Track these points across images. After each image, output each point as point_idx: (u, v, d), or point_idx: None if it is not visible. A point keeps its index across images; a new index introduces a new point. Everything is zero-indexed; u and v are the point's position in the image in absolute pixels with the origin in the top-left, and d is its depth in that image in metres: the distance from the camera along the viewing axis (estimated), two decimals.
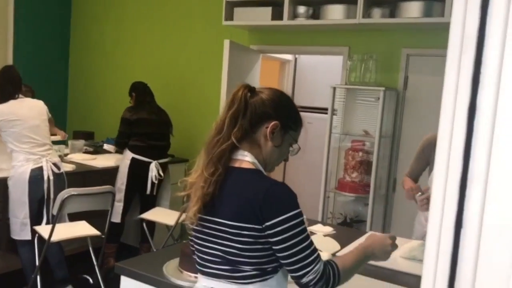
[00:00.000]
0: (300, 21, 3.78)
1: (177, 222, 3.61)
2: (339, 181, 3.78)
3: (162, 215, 3.82)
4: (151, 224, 3.90)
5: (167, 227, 3.77)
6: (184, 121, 4.71)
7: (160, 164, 4.02)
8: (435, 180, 0.58)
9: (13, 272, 3.57)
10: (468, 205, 0.54)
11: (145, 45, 5.00)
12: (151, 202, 4.07)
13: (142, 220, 3.82)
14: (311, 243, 1.31)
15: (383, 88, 3.45)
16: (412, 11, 3.34)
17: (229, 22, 4.05)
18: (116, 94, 5.04)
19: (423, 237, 2.53)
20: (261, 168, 1.39)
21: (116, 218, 3.89)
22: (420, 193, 2.32)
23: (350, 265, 1.40)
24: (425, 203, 2.27)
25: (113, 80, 5.22)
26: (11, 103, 3.17)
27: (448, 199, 0.56)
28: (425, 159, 2.54)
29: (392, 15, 3.49)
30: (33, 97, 3.48)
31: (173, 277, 1.76)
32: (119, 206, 3.90)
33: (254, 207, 1.28)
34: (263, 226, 1.28)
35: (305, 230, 1.30)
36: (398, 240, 2.41)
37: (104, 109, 5.29)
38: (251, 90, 1.41)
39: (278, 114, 1.39)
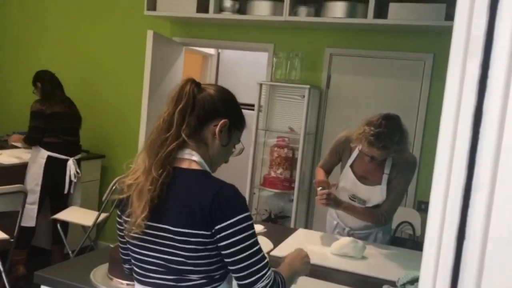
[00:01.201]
0: (226, 15, 3.72)
1: (95, 223, 3.41)
2: (264, 177, 3.78)
3: (78, 215, 3.60)
4: (65, 225, 3.64)
5: (83, 227, 3.55)
6: (100, 115, 4.45)
7: (76, 160, 3.78)
8: (434, 187, 0.55)
9: None
10: (472, 214, 0.52)
11: (58, 32, 4.65)
12: (62, 201, 3.79)
13: (55, 220, 3.56)
14: (260, 248, 1.26)
15: (308, 86, 3.50)
16: (337, 11, 3.42)
17: (151, 12, 3.88)
18: (23, 83, 4.62)
19: (334, 229, 2.60)
20: (207, 168, 1.31)
21: (30, 222, 3.58)
22: (321, 187, 2.37)
23: (287, 279, 1.35)
24: (324, 198, 2.32)
25: (20, 69, 4.80)
26: None
27: (449, 208, 0.53)
28: (337, 156, 2.59)
29: (318, 14, 3.54)
30: None
31: (103, 285, 1.63)
32: (32, 209, 3.59)
33: (202, 211, 1.20)
34: (213, 230, 1.20)
35: (254, 234, 1.24)
36: (325, 236, 2.48)
37: (8, 99, 4.84)
38: (198, 85, 1.33)
39: (227, 112, 1.34)
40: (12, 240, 2.96)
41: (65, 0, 4.60)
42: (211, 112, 1.31)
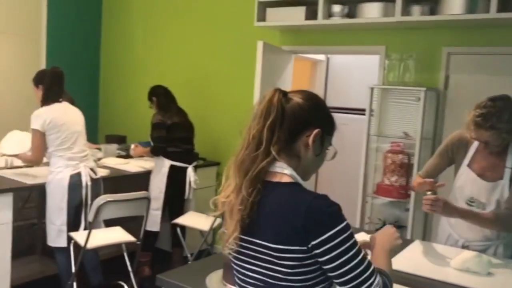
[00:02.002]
0: (335, 20, 3.67)
1: (211, 228, 3.56)
2: (377, 185, 3.65)
3: (196, 220, 3.77)
4: (183, 228, 3.85)
5: (201, 231, 3.72)
6: (215, 124, 4.65)
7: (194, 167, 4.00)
8: None
9: (49, 277, 3.57)
10: None
11: (176, 48, 4.97)
12: (180, 206, 4.02)
13: (175, 224, 3.78)
14: (365, 256, 1.20)
15: (424, 88, 3.32)
16: (454, 8, 3.20)
17: (261, 23, 3.98)
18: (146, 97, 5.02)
19: (446, 240, 2.41)
20: (300, 180, 1.26)
21: (155, 226, 3.87)
22: (430, 192, 2.19)
23: (388, 269, 1.30)
24: (429, 204, 2.14)
25: (144, 83, 5.19)
26: (57, 106, 3.14)
27: None
28: (448, 157, 2.40)
29: (433, 12, 3.35)
30: (73, 104, 3.46)
31: None
32: (157, 215, 3.87)
33: (296, 227, 1.16)
34: (309, 246, 1.16)
35: (355, 243, 1.18)
36: (445, 249, 2.31)
37: (135, 112, 5.27)
38: (285, 94, 1.27)
39: (319, 120, 1.27)
40: (138, 242, 3.20)
41: (182, 19, 4.89)
42: (302, 123, 1.25)
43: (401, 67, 3.52)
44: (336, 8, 3.67)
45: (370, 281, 1.17)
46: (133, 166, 4.05)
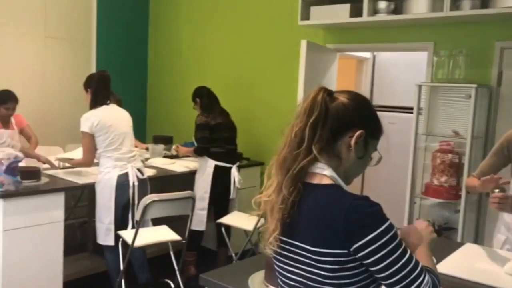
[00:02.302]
0: (381, 17, 3.59)
1: (255, 228, 3.56)
2: (426, 185, 3.54)
3: (240, 220, 3.78)
4: (228, 228, 3.88)
5: (245, 231, 3.73)
6: (259, 124, 4.66)
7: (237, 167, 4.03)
8: None
9: (99, 274, 3.69)
10: None
11: (220, 49, 5.01)
12: (225, 205, 4.05)
13: (219, 224, 3.81)
14: (411, 255, 1.15)
15: (475, 85, 3.19)
16: (508, 0, 3.05)
17: (305, 22, 3.95)
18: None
19: (502, 245, 2.29)
20: (341, 182, 1.23)
21: (200, 226, 3.92)
22: (498, 190, 2.07)
23: (431, 265, 1.25)
24: (497, 202, 2.02)
25: (189, 85, 5.27)
26: (104, 109, 3.25)
27: None
28: (505, 157, 2.29)
29: (484, 5, 3.22)
30: (120, 106, 3.57)
31: None
32: (203, 215, 3.91)
33: (336, 230, 1.13)
34: (351, 250, 1.12)
35: (401, 242, 1.14)
36: (497, 253, 2.20)
37: (181, 113, 5.36)
38: (330, 93, 1.25)
39: (363, 122, 1.24)
40: (184, 241, 3.25)
41: (227, 19, 4.93)
42: (345, 123, 1.22)
43: (451, 63, 3.39)
44: (382, 4, 3.59)
45: (420, 280, 1.13)
46: (179, 166, 4.12)
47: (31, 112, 4.39)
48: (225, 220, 3.79)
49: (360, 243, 1.11)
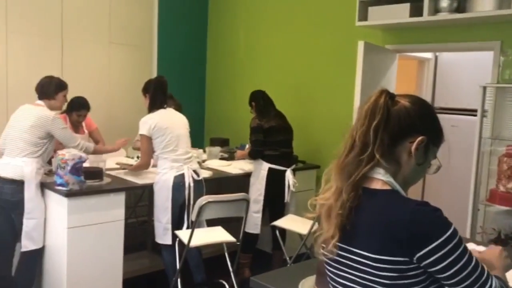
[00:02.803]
0: (443, 16, 3.45)
1: (310, 232, 3.53)
2: (491, 192, 3.36)
3: (295, 223, 3.76)
4: (283, 231, 3.87)
5: (300, 235, 3.70)
6: (315, 126, 4.62)
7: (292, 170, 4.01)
8: None
9: (157, 272, 3.80)
10: None
11: (276, 52, 5.03)
12: (280, 208, 4.04)
13: (274, 227, 3.81)
14: (477, 261, 1.11)
15: None
16: None
17: (363, 23, 3.87)
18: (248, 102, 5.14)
19: None
20: (399, 188, 1.19)
21: (255, 229, 3.94)
22: None
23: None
24: None
25: (246, 89, 5.32)
26: (161, 112, 3.37)
27: None
28: None
29: None
30: (180, 111, 3.68)
31: None
32: (257, 217, 3.93)
33: (398, 238, 1.10)
34: (415, 257, 1.09)
35: (466, 248, 1.11)
36: None
37: (237, 116, 5.42)
38: (392, 97, 1.21)
39: (425, 128, 1.20)
40: (238, 243, 3.28)
41: (283, 21, 4.94)
42: (406, 128, 1.18)
43: None
44: (444, 3, 3.45)
45: (488, 284, 1.10)
46: (235, 168, 4.16)
47: (97, 115, 4.60)
48: (280, 223, 3.78)
49: (424, 251, 1.08)
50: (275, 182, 3.93)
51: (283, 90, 4.56)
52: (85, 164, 3.17)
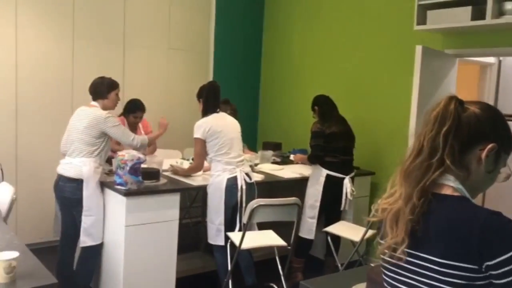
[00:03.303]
0: (508, 19, 3.31)
1: (362, 239, 3.48)
2: None
3: (347, 230, 3.72)
4: (336, 237, 3.83)
5: (352, 242, 3.66)
6: (370, 132, 4.55)
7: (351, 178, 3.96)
8: None
9: (209, 273, 3.87)
10: None
11: (332, 55, 5.00)
12: (336, 215, 4.00)
13: (327, 233, 3.78)
14: None
15: None
16: None
17: (421, 27, 3.78)
18: (304, 105, 5.13)
19: None
20: (467, 195, 1.17)
21: (309, 234, 3.93)
22: None
23: None
24: None
25: (301, 92, 5.34)
26: (215, 116, 3.45)
27: None
28: None
29: None
30: (236, 115, 3.75)
31: None
32: (312, 223, 3.91)
33: (469, 244, 1.07)
34: (483, 267, 1.06)
35: None
36: None
37: (290, 120, 5.44)
38: (461, 103, 1.20)
39: (495, 135, 1.18)
40: (289, 247, 3.28)
41: (338, 26, 4.91)
42: (477, 135, 1.17)
43: None
44: (508, 5, 3.31)
45: None
46: (287, 172, 4.17)
47: (154, 118, 4.75)
48: (332, 229, 3.75)
49: (494, 261, 1.05)
50: (332, 189, 3.89)
51: (337, 95, 4.51)
52: (143, 165, 3.30)
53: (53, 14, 4.45)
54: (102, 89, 3.39)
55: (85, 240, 3.30)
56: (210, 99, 3.47)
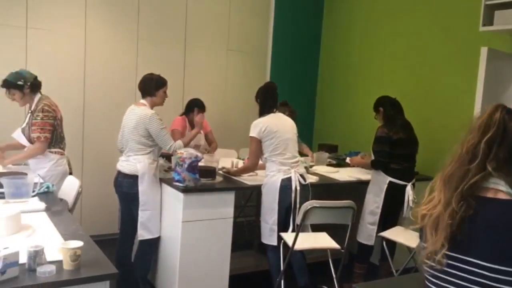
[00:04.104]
0: None
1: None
2: None
3: (403, 235, 3.63)
4: (392, 243, 3.75)
5: (408, 248, 3.57)
6: (430, 136, 4.41)
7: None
8: None
9: (262, 272, 3.90)
10: None
11: (392, 57, 4.90)
12: (393, 221, 3.91)
13: (383, 238, 3.71)
14: None
15: None
16: None
17: (488, 28, 3.62)
18: (362, 108, 5.07)
19: None
20: None
21: (369, 240, 3.87)
22: None
23: None
24: None
25: (359, 94, 5.27)
26: (271, 116, 3.48)
27: None
28: None
29: None
30: (294, 117, 3.76)
31: None
32: (372, 229, 3.84)
33: None
34: None
35: None
36: None
37: (348, 122, 5.37)
38: (509, 112, 1.19)
39: None
40: (342, 250, 3.25)
41: (398, 28, 4.80)
42: None
43: None
44: None
45: None
46: (343, 175, 4.13)
47: (212, 118, 4.87)
48: (388, 234, 3.67)
49: None
50: (394, 196, 3.79)
51: (397, 97, 4.42)
52: (200, 163, 3.38)
53: (119, 18, 4.67)
54: (151, 87, 3.48)
55: (142, 234, 3.43)
56: (267, 99, 3.50)
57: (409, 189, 3.79)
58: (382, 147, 3.74)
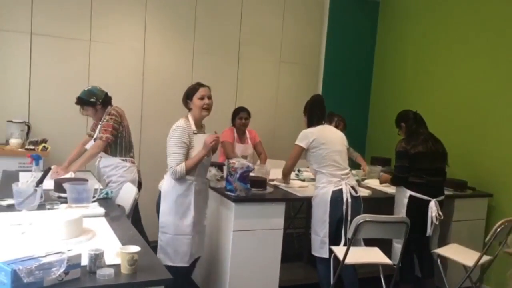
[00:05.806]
0: None
1: (476, 263, 3.27)
2: None
3: (459, 253, 3.51)
4: (429, 259, 3.60)
5: (464, 266, 3.44)
6: (487, 151, 4.24)
7: (438, 202, 3.67)
8: None
9: (311, 285, 3.87)
10: None
11: (445, 71, 4.77)
12: (421, 240, 3.75)
13: (438, 255, 3.59)
14: None
15: None
16: None
17: None
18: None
19: None
20: None
21: (394, 259, 3.72)
22: None
23: None
24: None
25: (412, 107, 5.14)
26: (319, 128, 3.48)
27: None
28: None
29: None
30: (344, 127, 3.72)
31: None
32: (398, 248, 3.56)
33: None
34: None
35: None
36: None
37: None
38: None
39: None
40: (395, 265, 3.18)
41: (454, 40, 4.67)
42: None
43: None
44: None
45: None
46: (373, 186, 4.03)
47: (262, 129, 4.91)
48: (442, 251, 3.56)
49: None
50: (416, 211, 3.61)
51: (452, 112, 4.31)
52: (251, 174, 3.42)
53: (176, 31, 4.84)
54: (184, 100, 3.19)
55: (162, 258, 3.00)
56: (314, 112, 3.50)
57: (432, 205, 3.62)
58: (402, 162, 3.66)
